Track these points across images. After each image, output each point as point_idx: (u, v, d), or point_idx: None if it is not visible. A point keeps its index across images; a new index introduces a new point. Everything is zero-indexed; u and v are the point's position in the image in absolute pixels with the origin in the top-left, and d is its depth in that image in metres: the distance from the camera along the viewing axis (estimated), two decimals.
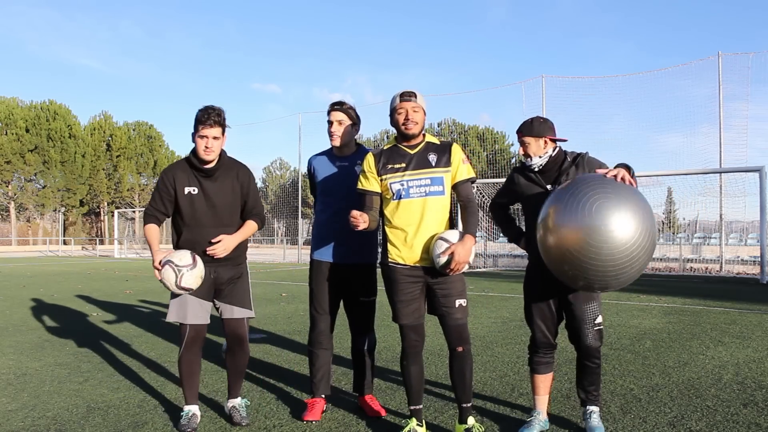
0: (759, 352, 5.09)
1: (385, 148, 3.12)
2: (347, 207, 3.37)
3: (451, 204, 3.10)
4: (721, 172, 16.86)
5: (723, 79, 17.40)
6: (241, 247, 3.41)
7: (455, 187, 3.05)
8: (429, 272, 2.98)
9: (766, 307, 8.30)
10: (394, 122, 3.03)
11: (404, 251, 2.98)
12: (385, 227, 3.07)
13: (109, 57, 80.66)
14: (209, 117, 3.15)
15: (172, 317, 3.31)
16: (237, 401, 3.41)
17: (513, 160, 37.03)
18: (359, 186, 3.11)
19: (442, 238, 2.88)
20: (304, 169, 24.23)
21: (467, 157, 3.13)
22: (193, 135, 3.19)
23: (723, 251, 17.52)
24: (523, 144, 3.11)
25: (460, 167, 3.04)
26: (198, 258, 3.13)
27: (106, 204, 49.35)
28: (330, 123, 3.45)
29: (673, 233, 24.19)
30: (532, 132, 3.09)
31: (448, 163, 3.02)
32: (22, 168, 42.97)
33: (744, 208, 17.63)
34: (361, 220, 2.89)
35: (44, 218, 48.75)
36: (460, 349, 3.01)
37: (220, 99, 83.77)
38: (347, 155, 3.50)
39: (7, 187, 43.71)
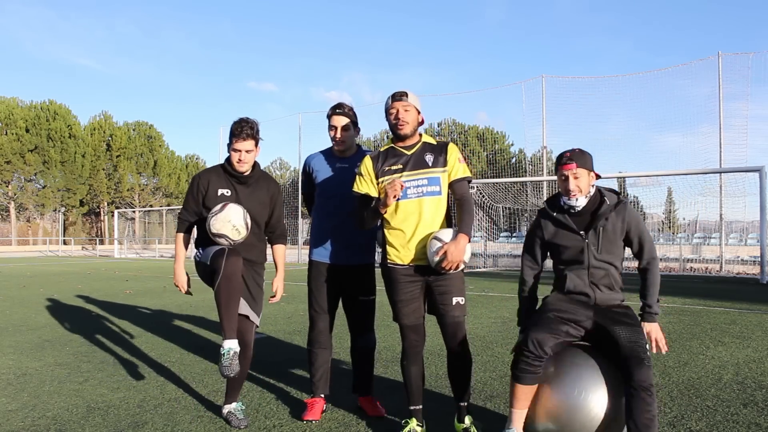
0: (759, 352, 5.09)
1: (381, 149, 3.12)
2: (346, 208, 3.38)
3: (448, 204, 3.09)
4: (721, 172, 16.85)
5: (723, 78, 17.41)
6: (263, 252, 3.52)
7: (451, 186, 3.03)
8: (427, 271, 2.98)
9: (766, 307, 8.30)
10: (388, 123, 3.05)
11: (403, 252, 2.98)
12: (384, 229, 3.07)
13: (106, 56, 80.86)
14: (242, 131, 3.26)
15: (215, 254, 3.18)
16: (233, 406, 3.40)
17: (513, 160, 37.03)
18: (355, 188, 3.10)
19: (436, 238, 2.88)
20: None
21: (465, 157, 3.12)
22: (228, 146, 3.32)
23: (723, 251, 17.53)
24: (571, 178, 2.75)
25: (456, 166, 3.02)
26: (227, 206, 3.18)
27: (106, 204, 49.36)
28: (334, 128, 3.42)
29: (673, 233, 24.19)
30: (586, 163, 2.75)
31: (444, 163, 3.02)
32: (22, 168, 42.97)
33: (744, 208, 17.66)
34: (399, 187, 2.85)
35: (44, 218, 48.75)
36: (455, 348, 3.03)
37: (218, 98, 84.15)
38: (347, 156, 3.50)
39: (7, 187, 43.70)
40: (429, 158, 3.02)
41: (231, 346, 3.11)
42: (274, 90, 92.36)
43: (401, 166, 2.99)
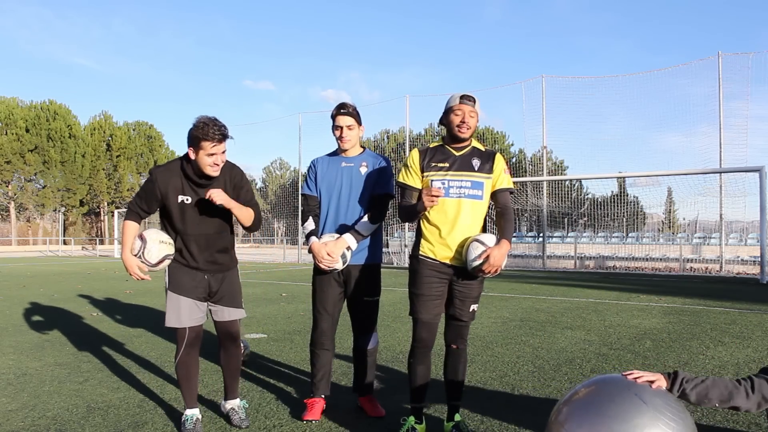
0: (759, 352, 5.09)
1: (431, 146, 3.14)
2: (351, 207, 3.39)
3: (487, 211, 3.12)
4: (721, 172, 16.86)
5: (723, 78, 17.41)
6: (229, 253, 3.37)
7: (494, 195, 3.08)
8: (456, 271, 3.00)
9: (766, 307, 8.31)
10: (447, 121, 3.01)
11: (437, 247, 3.01)
12: (421, 223, 3.10)
13: (103, 56, 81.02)
14: (217, 131, 2.93)
15: (171, 323, 3.28)
16: (236, 402, 3.39)
17: (513, 160, 37.06)
18: (400, 179, 3.12)
19: (478, 241, 2.90)
20: (304, 169, 24.22)
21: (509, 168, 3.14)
22: (195, 150, 2.99)
23: (723, 251, 17.54)
24: None
25: (502, 176, 3.07)
26: (145, 236, 3.13)
27: (106, 204, 49.38)
28: (339, 128, 3.42)
29: (673, 233, 24.22)
30: None
31: (490, 171, 3.05)
32: (22, 168, 42.98)
33: (744, 208, 17.67)
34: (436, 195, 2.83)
35: (44, 218, 48.75)
36: (454, 346, 3.09)
37: (215, 98, 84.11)
38: (352, 156, 3.51)
39: (7, 187, 43.71)
40: (476, 163, 3.05)
41: (193, 413, 3.23)
42: (271, 89, 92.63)
43: (447, 165, 3.01)
